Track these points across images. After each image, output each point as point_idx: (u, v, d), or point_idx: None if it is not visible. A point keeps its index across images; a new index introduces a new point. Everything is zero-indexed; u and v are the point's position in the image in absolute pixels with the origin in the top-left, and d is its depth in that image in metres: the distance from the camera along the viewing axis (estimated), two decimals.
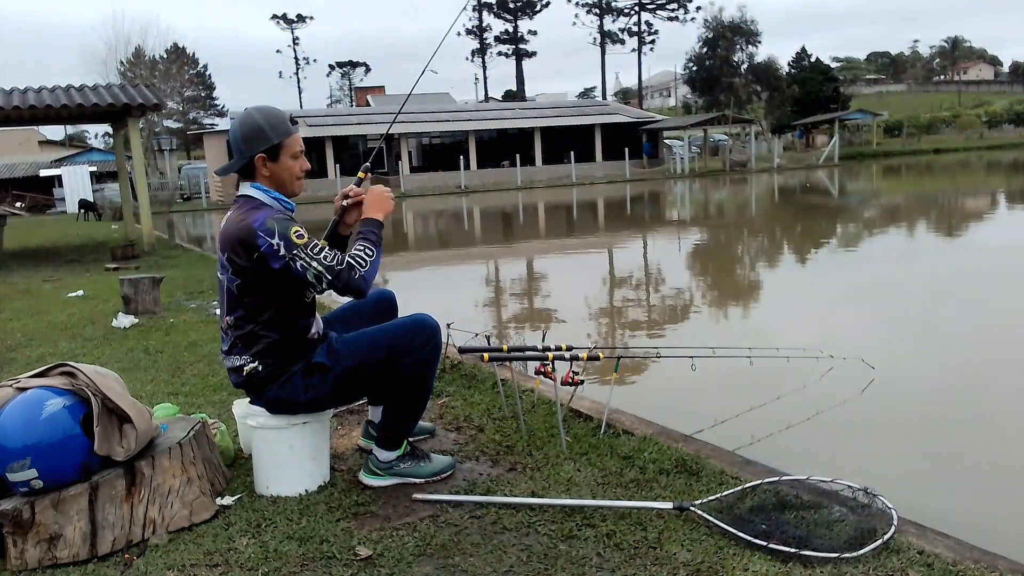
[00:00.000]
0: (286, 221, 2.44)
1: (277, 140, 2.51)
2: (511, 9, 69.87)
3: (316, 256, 2.42)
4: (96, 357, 4.96)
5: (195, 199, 36.60)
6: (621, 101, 59.52)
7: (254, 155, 2.51)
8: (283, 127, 2.53)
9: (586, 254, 12.42)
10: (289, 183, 2.58)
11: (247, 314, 2.54)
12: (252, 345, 2.56)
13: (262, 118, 2.52)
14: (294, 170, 2.57)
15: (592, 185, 34.01)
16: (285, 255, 2.40)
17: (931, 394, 4.45)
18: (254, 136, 2.51)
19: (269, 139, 2.51)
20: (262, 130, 2.51)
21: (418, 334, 2.58)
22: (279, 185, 2.56)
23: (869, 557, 2.11)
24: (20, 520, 2.22)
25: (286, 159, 2.54)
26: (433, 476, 2.75)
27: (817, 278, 9.08)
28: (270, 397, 2.59)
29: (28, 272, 11.05)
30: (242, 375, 2.59)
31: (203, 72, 70.59)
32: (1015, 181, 24.10)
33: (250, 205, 2.51)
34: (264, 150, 2.51)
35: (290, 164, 2.55)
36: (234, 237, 2.45)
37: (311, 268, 2.41)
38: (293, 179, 2.58)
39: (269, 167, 2.53)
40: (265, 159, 2.52)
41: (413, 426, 2.76)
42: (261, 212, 2.46)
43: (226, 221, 2.55)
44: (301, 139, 2.60)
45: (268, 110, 2.56)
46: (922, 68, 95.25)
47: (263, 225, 2.41)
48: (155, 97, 13.26)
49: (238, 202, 2.56)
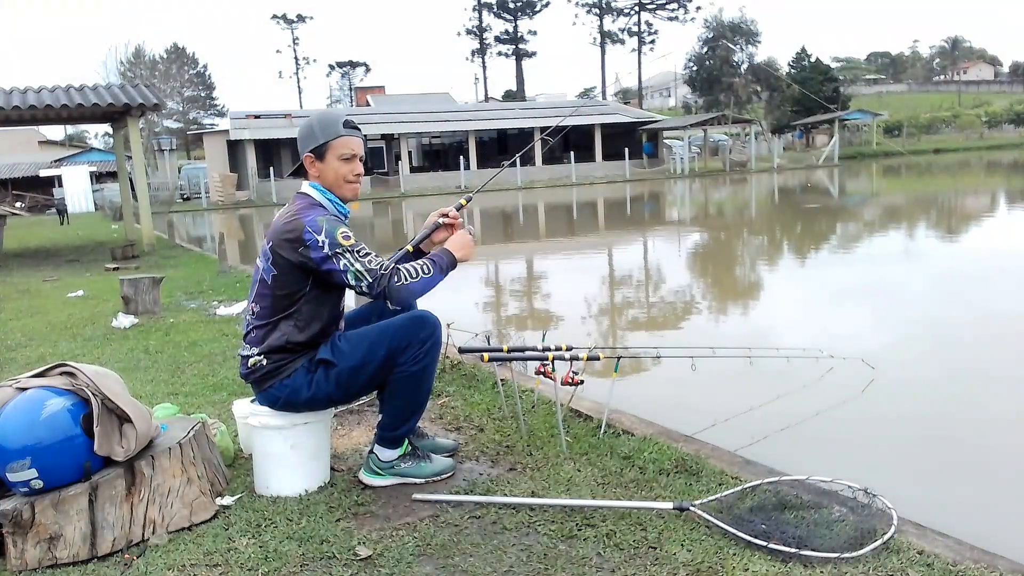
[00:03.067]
0: (336, 221, 2.48)
1: (323, 140, 2.54)
2: (511, 9, 69.91)
3: (360, 258, 2.44)
4: (96, 357, 4.96)
5: (195, 199, 36.59)
6: (621, 101, 59.47)
7: (303, 155, 2.57)
8: (332, 128, 2.55)
9: (586, 254, 12.42)
10: (336, 185, 2.59)
11: (273, 306, 2.56)
12: (265, 338, 2.58)
13: (315, 119, 2.59)
14: (341, 172, 2.57)
15: (592, 185, 34.02)
16: (328, 252, 2.43)
17: (931, 394, 4.45)
18: (305, 135, 2.59)
19: (316, 138, 2.55)
20: (312, 129, 2.57)
21: (419, 329, 2.58)
22: (328, 187, 2.58)
23: (869, 557, 2.11)
24: (20, 520, 2.22)
25: (332, 159, 2.56)
26: (434, 476, 2.75)
27: (817, 278, 9.08)
28: (272, 392, 2.60)
29: (28, 272, 11.05)
30: (247, 366, 2.62)
31: (203, 72, 70.64)
32: (1015, 181, 24.10)
33: (305, 202, 2.56)
34: (311, 149, 2.55)
35: (336, 165, 2.56)
36: (282, 229, 2.50)
37: (352, 268, 2.44)
38: (341, 181, 2.58)
39: (317, 167, 2.57)
40: (312, 159, 2.56)
41: (414, 424, 2.75)
42: (313, 211, 2.51)
43: (279, 214, 2.61)
44: (357, 143, 2.59)
45: (325, 112, 2.63)
46: (922, 68, 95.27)
47: (313, 221, 2.45)
48: (155, 97, 13.26)
49: (295, 198, 2.60)
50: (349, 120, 2.59)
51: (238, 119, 38.94)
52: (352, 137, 2.58)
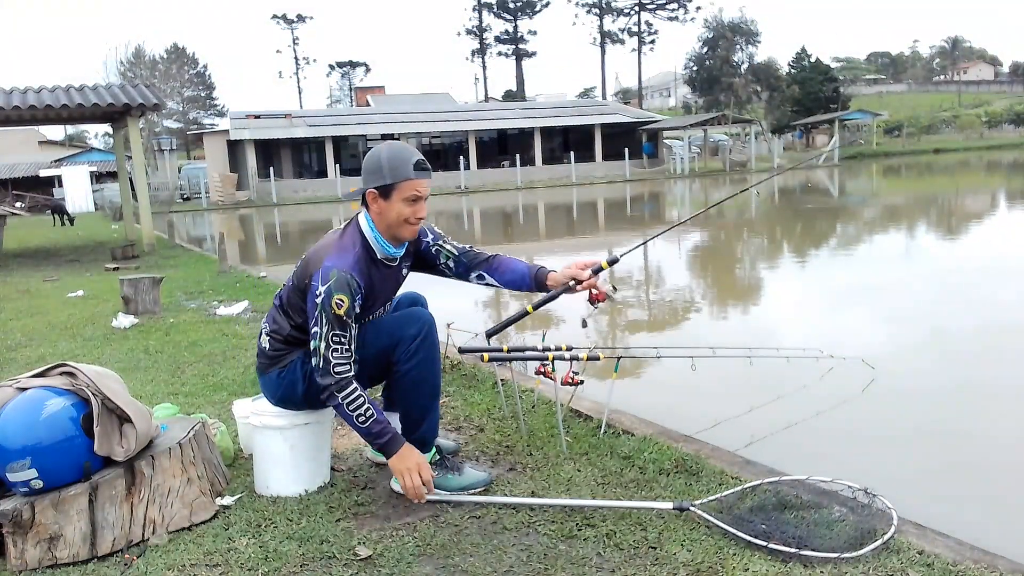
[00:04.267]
0: (344, 283, 2.40)
1: (391, 181, 2.47)
2: (511, 9, 69.92)
3: (330, 342, 2.40)
4: (96, 357, 4.96)
5: (195, 199, 36.58)
6: (621, 101, 59.49)
7: (367, 188, 2.50)
8: (402, 170, 2.47)
9: (586, 254, 12.42)
10: (395, 225, 2.52)
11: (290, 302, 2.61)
12: (276, 322, 2.63)
13: (385, 155, 2.49)
14: (404, 214, 2.50)
15: (592, 185, 34.00)
16: (317, 305, 2.40)
17: (931, 394, 4.45)
18: (372, 170, 2.49)
19: (383, 177, 2.47)
20: (380, 167, 2.47)
21: (408, 326, 2.57)
22: (387, 226, 2.53)
23: (869, 557, 2.11)
24: (20, 520, 2.22)
25: (397, 201, 2.49)
26: (462, 490, 2.63)
27: (817, 278, 9.08)
28: (271, 380, 2.63)
29: (28, 272, 11.05)
30: (259, 345, 2.68)
31: (203, 72, 70.64)
32: (1015, 181, 24.10)
33: (349, 240, 2.52)
34: (376, 186, 2.48)
35: (400, 207, 2.49)
36: (309, 259, 2.55)
37: (319, 342, 2.41)
38: (400, 222, 2.52)
39: (379, 204, 2.50)
40: (376, 195, 2.49)
41: (431, 427, 2.67)
42: (341, 257, 2.46)
43: (326, 236, 2.60)
44: (425, 186, 2.52)
45: (397, 149, 2.51)
46: (922, 68, 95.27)
47: (327, 271, 2.42)
48: (155, 97, 13.27)
49: (350, 227, 2.58)
50: (421, 162, 2.50)
51: (238, 119, 38.96)
52: (421, 180, 2.50)
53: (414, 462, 2.47)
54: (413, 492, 2.47)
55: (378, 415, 2.45)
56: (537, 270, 2.78)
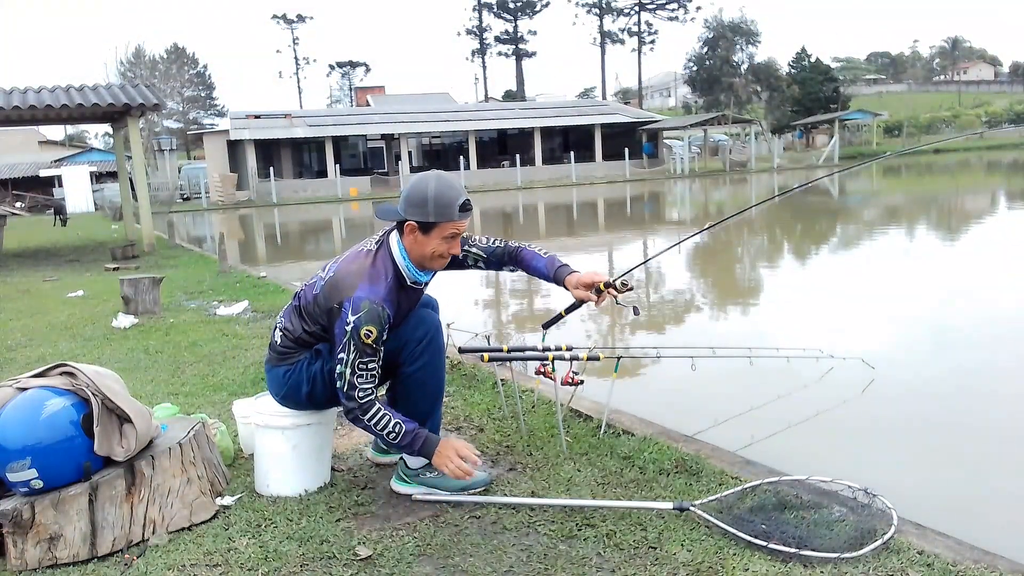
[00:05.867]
0: (375, 316, 2.38)
1: (433, 220, 2.46)
2: (511, 9, 69.91)
3: (357, 371, 2.41)
4: (96, 357, 4.96)
5: (195, 199, 36.58)
6: (621, 101, 59.49)
7: (407, 220, 2.47)
8: (447, 211, 2.45)
9: (586, 254, 12.42)
10: (428, 260, 2.53)
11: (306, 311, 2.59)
12: (292, 321, 2.62)
13: (433, 193, 2.44)
14: (440, 250, 2.51)
15: (592, 185, 34.00)
16: (346, 334, 2.39)
17: (931, 394, 4.45)
18: (416, 203, 2.45)
19: (427, 214, 2.45)
20: (425, 204, 2.44)
21: (415, 328, 2.57)
22: (420, 256, 2.53)
23: (869, 557, 2.11)
24: (20, 520, 2.22)
25: (436, 239, 2.49)
26: (461, 490, 2.63)
27: (817, 278, 9.08)
28: (277, 374, 2.63)
29: (28, 272, 11.05)
30: (273, 336, 2.69)
31: (203, 72, 70.65)
32: (1015, 181, 24.09)
33: (382, 267, 2.49)
34: (418, 221, 2.47)
35: (437, 244, 2.50)
36: (340, 280, 2.49)
37: (344, 369, 2.42)
38: (435, 257, 2.53)
39: (416, 236, 2.49)
40: (415, 228, 2.48)
41: (432, 429, 2.66)
42: (373, 287, 2.43)
43: (357, 255, 2.55)
44: (465, 225, 2.53)
45: (445, 188, 2.46)
46: (922, 68, 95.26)
47: (359, 302, 2.39)
48: (155, 97, 13.26)
49: (379, 249, 2.54)
50: (467, 203, 2.49)
51: (238, 119, 38.95)
52: (462, 221, 2.50)
53: (450, 450, 2.51)
54: (463, 474, 2.51)
55: (406, 425, 2.48)
56: (556, 270, 2.77)
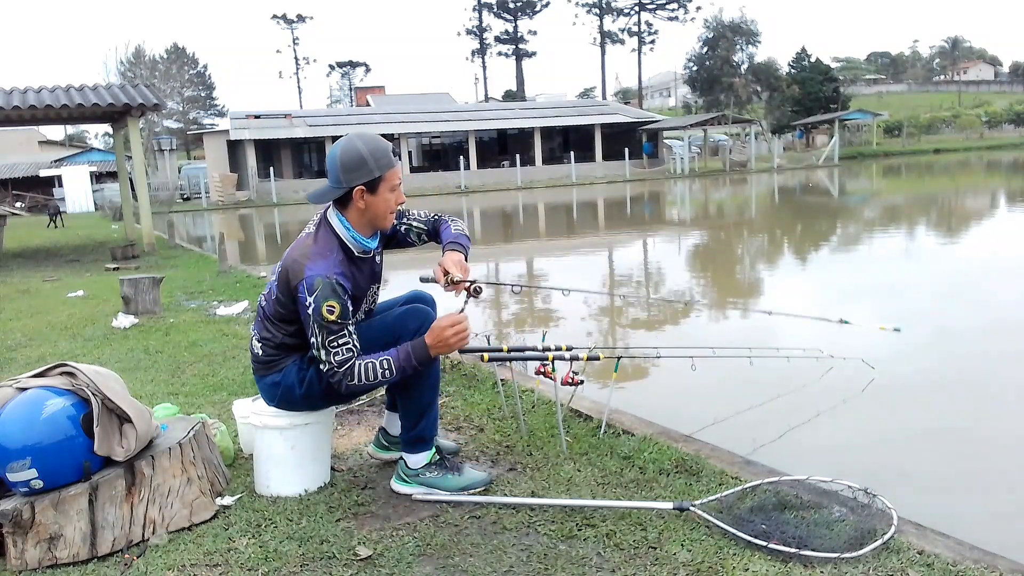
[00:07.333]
0: (330, 290, 2.37)
1: (379, 173, 2.46)
2: (511, 9, 69.90)
3: (329, 346, 2.40)
4: (96, 357, 4.96)
5: (195, 199, 36.58)
6: (621, 101, 59.49)
7: (353, 186, 2.45)
8: (385, 160, 2.47)
9: (586, 254, 12.42)
10: (383, 217, 2.54)
11: (275, 311, 2.56)
12: (268, 329, 2.59)
13: (366, 149, 2.45)
14: (390, 203, 2.52)
15: (592, 185, 34.00)
16: (311, 315, 2.39)
17: (931, 394, 4.45)
18: (355, 166, 2.43)
19: (371, 171, 2.44)
20: (364, 161, 2.43)
21: (409, 321, 2.55)
22: (371, 218, 2.52)
23: (869, 557, 2.11)
24: (20, 520, 2.22)
25: (384, 192, 2.49)
26: (461, 490, 2.62)
27: (816, 278, 9.08)
28: (268, 383, 2.62)
29: (28, 272, 11.05)
30: (252, 350, 2.66)
31: (203, 72, 70.67)
32: (1015, 181, 24.10)
33: (324, 244, 2.49)
34: (365, 182, 2.45)
35: (387, 197, 2.50)
36: (287, 269, 2.48)
37: (319, 346, 2.41)
38: (387, 213, 2.54)
39: (367, 199, 2.48)
40: (364, 191, 2.46)
41: (430, 425, 2.66)
42: (322, 263, 2.43)
43: (298, 242, 2.55)
44: (399, 171, 2.54)
45: (372, 140, 2.48)
46: (922, 68, 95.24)
47: (311, 281, 2.39)
48: (155, 97, 13.26)
49: (320, 229, 2.53)
50: (393, 147, 2.53)
51: (238, 119, 38.94)
52: (397, 167, 2.53)
53: (438, 332, 2.43)
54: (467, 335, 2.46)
55: (391, 356, 2.44)
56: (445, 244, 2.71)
